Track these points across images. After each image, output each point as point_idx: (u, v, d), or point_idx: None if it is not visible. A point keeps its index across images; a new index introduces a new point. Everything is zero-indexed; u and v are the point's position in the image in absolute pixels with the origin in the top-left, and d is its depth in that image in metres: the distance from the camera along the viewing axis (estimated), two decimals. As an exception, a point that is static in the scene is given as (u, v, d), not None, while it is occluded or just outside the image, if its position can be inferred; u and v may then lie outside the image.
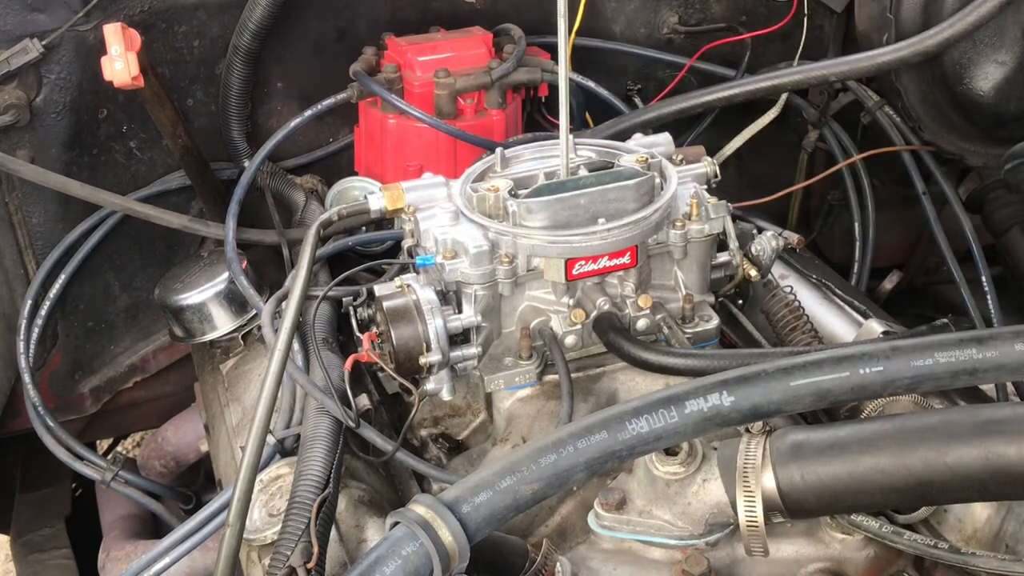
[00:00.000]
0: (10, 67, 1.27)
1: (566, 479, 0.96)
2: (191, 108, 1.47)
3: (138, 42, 1.22)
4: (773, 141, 1.70)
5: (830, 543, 1.01)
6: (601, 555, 1.03)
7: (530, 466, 0.94)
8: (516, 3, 1.58)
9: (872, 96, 1.68)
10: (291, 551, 0.92)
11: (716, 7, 1.71)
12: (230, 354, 1.43)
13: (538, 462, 0.95)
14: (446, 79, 1.42)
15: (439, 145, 1.45)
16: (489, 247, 1.10)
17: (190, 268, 1.41)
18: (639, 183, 1.12)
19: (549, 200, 1.10)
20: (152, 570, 1.10)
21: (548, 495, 0.98)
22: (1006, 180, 1.45)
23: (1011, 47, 1.47)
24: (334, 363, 1.15)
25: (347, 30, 1.53)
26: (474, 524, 0.92)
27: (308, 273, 1.14)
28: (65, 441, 1.42)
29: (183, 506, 1.60)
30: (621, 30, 1.68)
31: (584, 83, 1.58)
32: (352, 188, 1.46)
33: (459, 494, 0.94)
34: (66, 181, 1.33)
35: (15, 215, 1.38)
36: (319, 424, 1.07)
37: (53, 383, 1.49)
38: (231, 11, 1.43)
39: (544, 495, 0.96)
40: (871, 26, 1.54)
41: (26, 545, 1.59)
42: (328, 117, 1.53)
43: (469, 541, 0.92)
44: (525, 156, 1.23)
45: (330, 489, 0.99)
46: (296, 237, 1.39)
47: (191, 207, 1.50)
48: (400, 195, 1.18)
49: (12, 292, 1.41)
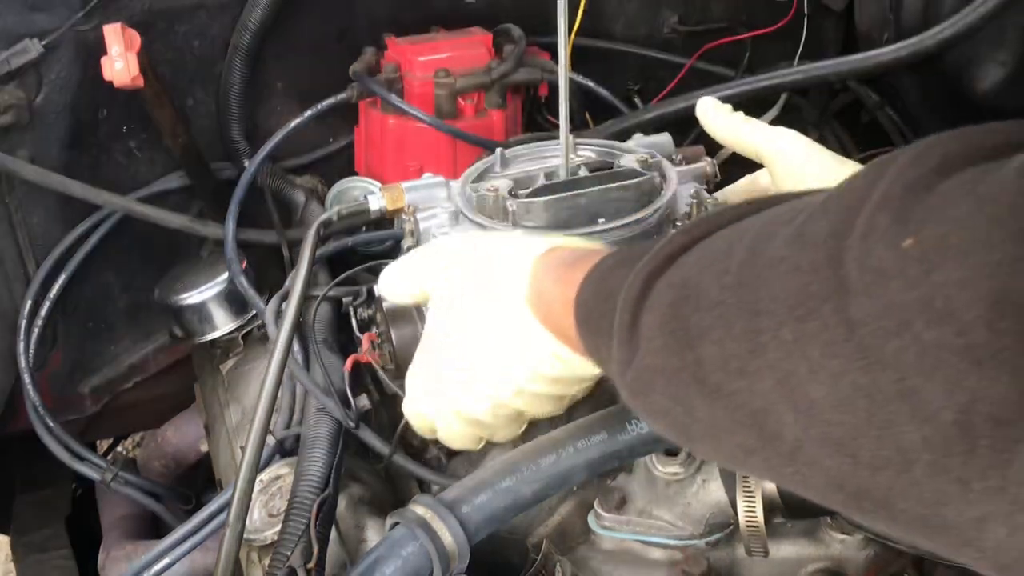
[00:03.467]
0: (10, 67, 1.26)
1: (566, 480, 0.96)
2: (191, 108, 1.47)
3: (138, 42, 1.22)
4: (773, 141, 1.69)
5: (830, 543, 1.01)
6: (601, 555, 1.03)
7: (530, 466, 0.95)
8: (516, 3, 1.58)
9: (872, 96, 1.68)
10: (291, 551, 0.92)
11: (716, 7, 1.71)
12: (230, 354, 1.43)
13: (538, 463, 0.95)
14: (446, 79, 1.42)
15: (439, 145, 1.45)
16: (489, 247, 1.10)
17: (190, 268, 1.41)
18: (639, 183, 1.12)
19: (549, 200, 1.10)
20: (152, 570, 1.10)
21: (548, 496, 0.98)
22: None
23: (1011, 47, 1.47)
24: (334, 363, 1.15)
25: (347, 30, 1.53)
26: (474, 525, 0.92)
27: (308, 273, 1.14)
28: (65, 441, 1.42)
29: (183, 506, 1.60)
30: (621, 30, 1.68)
31: (584, 83, 1.58)
32: (352, 188, 1.46)
33: (459, 495, 0.94)
34: (66, 181, 1.33)
35: (15, 215, 1.37)
36: (319, 424, 1.07)
37: (53, 383, 1.49)
38: (231, 11, 1.43)
39: (544, 495, 0.96)
40: (871, 26, 1.54)
41: (26, 545, 1.59)
42: (328, 117, 1.52)
43: (469, 542, 0.92)
44: (525, 156, 1.24)
45: (330, 489, 0.99)
46: (296, 237, 1.39)
47: (191, 207, 1.50)
48: (400, 195, 1.18)
49: (12, 292, 1.41)
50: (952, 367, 0.46)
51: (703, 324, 0.61)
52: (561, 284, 0.81)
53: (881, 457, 0.50)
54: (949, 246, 0.47)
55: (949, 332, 0.46)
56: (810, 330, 0.53)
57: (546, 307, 0.84)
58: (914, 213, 0.50)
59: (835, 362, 0.52)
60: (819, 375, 0.53)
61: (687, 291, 0.63)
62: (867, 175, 0.55)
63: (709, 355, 0.60)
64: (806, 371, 0.53)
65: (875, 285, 0.50)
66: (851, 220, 0.53)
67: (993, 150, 0.52)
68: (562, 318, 0.81)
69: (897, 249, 0.49)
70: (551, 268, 0.84)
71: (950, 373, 0.46)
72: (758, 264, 0.58)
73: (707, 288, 0.61)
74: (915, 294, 0.48)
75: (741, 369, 0.58)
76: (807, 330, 0.53)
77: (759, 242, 0.60)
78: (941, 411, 0.47)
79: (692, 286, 0.63)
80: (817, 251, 0.54)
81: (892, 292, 0.49)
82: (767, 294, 0.57)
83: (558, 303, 0.81)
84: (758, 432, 0.58)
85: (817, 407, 0.53)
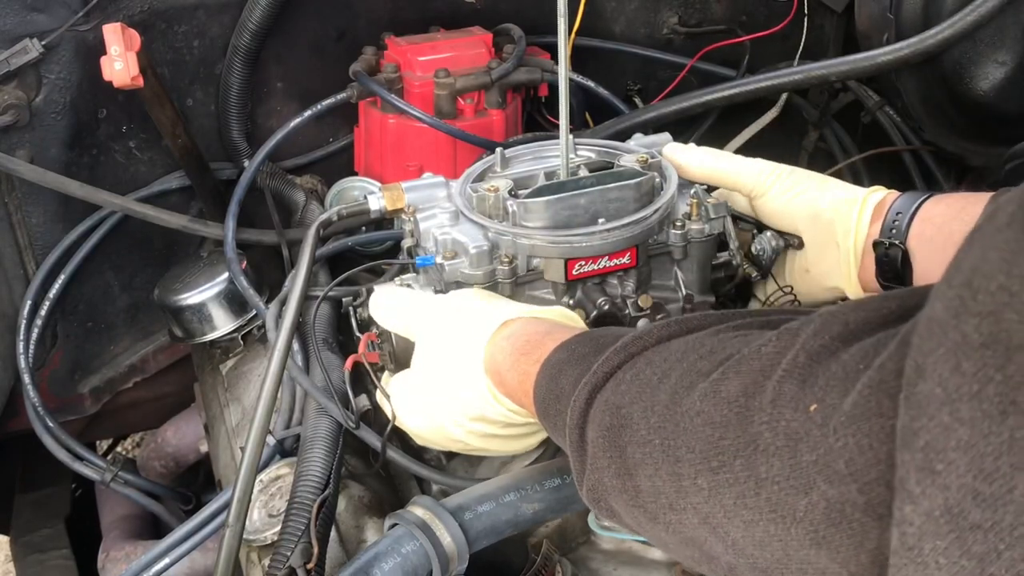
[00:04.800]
0: (10, 67, 1.26)
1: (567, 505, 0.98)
2: (191, 108, 1.47)
3: (138, 42, 1.22)
4: (773, 141, 1.70)
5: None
6: (601, 555, 1.03)
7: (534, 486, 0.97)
8: (516, 3, 1.58)
9: (872, 96, 1.68)
10: (291, 551, 0.92)
11: (716, 7, 1.71)
12: (230, 354, 1.43)
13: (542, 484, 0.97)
14: (446, 79, 1.42)
15: (439, 145, 1.45)
16: (489, 247, 1.10)
17: (190, 268, 1.41)
18: (639, 183, 1.12)
19: (549, 200, 1.10)
20: (152, 571, 1.10)
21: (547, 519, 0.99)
22: (1006, 180, 1.45)
23: (1011, 47, 1.47)
24: (334, 363, 1.15)
25: (347, 30, 1.53)
26: (474, 532, 0.93)
27: (308, 273, 1.14)
28: (65, 441, 1.42)
29: (183, 506, 1.60)
30: (621, 30, 1.68)
31: (584, 83, 1.58)
32: (352, 188, 1.46)
33: (462, 502, 0.95)
34: (66, 181, 1.33)
35: (15, 215, 1.37)
36: (319, 424, 1.07)
37: (53, 383, 1.49)
38: (231, 11, 1.43)
39: (543, 518, 0.98)
40: (871, 26, 1.54)
41: (26, 545, 1.59)
42: (328, 117, 1.52)
43: (469, 546, 0.92)
44: (525, 156, 1.23)
45: (330, 489, 0.99)
46: (296, 237, 1.39)
47: (191, 207, 1.50)
48: (400, 195, 1.18)
49: (12, 292, 1.41)
50: (857, 522, 0.51)
51: (636, 457, 0.67)
52: (516, 373, 0.89)
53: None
54: (849, 413, 0.52)
55: (852, 490, 0.51)
56: (723, 481, 0.59)
57: (508, 390, 0.91)
58: (818, 380, 0.55)
59: (746, 512, 0.57)
60: (734, 521, 0.59)
61: (621, 420, 0.70)
62: (779, 340, 0.60)
63: (645, 487, 0.67)
64: (723, 516, 0.59)
65: (784, 448, 0.55)
66: (761, 383, 0.58)
67: (889, 316, 0.56)
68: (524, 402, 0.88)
69: (804, 413, 0.54)
70: (507, 354, 0.91)
71: (856, 527, 0.51)
72: (677, 412, 0.64)
73: (637, 423, 0.68)
74: (819, 455, 0.53)
75: (671, 505, 0.64)
76: (720, 480, 0.59)
77: (679, 387, 0.66)
78: (857, 555, 0.52)
79: (625, 416, 0.70)
80: (730, 408, 0.60)
81: (799, 453, 0.54)
82: (684, 443, 0.63)
83: (520, 391, 0.88)
84: (698, 552, 0.65)
85: (739, 544, 0.59)
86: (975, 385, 0.42)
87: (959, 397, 0.43)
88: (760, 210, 1.20)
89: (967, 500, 0.42)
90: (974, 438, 0.42)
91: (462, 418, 0.96)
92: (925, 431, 0.44)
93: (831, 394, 0.54)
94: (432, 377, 0.98)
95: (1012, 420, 0.41)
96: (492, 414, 0.93)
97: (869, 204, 1.12)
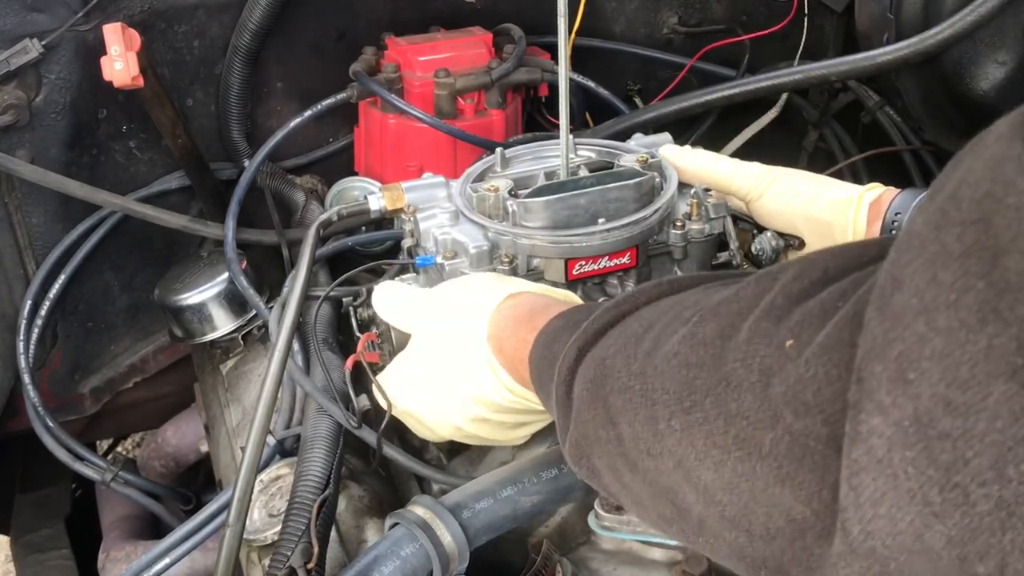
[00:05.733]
0: (10, 67, 1.26)
1: (565, 495, 0.98)
2: (191, 108, 1.47)
3: (138, 42, 1.22)
4: (773, 141, 1.70)
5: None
6: (602, 555, 1.03)
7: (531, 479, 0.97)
8: (516, 3, 1.58)
9: (872, 96, 1.68)
10: (291, 551, 0.92)
11: (716, 7, 1.71)
12: (230, 354, 1.42)
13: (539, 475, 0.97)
14: (446, 79, 1.42)
15: (439, 145, 1.45)
16: (489, 247, 1.10)
17: (190, 268, 1.41)
18: (639, 183, 1.12)
19: (549, 200, 1.10)
20: (152, 571, 1.10)
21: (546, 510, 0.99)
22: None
23: (1011, 47, 1.47)
24: (335, 363, 1.15)
25: (347, 30, 1.53)
26: (473, 529, 0.93)
27: (308, 273, 1.14)
28: (65, 441, 1.42)
29: (183, 506, 1.60)
30: (621, 30, 1.68)
31: (584, 83, 1.58)
32: (352, 188, 1.46)
33: (460, 499, 0.95)
34: (66, 181, 1.33)
35: (15, 215, 1.37)
36: (319, 424, 1.07)
37: (53, 383, 1.49)
38: (231, 11, 1.43)
39: (542, 509, 0.98)
40: (871, 26, 1.54)
41: (26, 545, 1.59)
42: (328, 117, 1.52)
43: (469, 545, 0.92)
44: (525, 156, 1.24)
45: (330, 489, 0.99)
46: (296, 237, 1.39)
47: (191, 207, 1.50)
48: (400, 195, 1.18)
49: (12, 292, 1.41)
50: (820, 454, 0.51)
51: (618, 405, 0.67)
52: (515, 340, 0.89)
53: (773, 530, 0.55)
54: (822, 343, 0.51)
55: (817, 422, 0.50)
56: (694, 420, 0.59)
57: (505, 358, 0.91)
58: (794, 316, 0.55)
59: (716, 452, 0.57)
60: (705, 462, 0.58)
61: (605, 370, 0.69)
62: (757, 284, 0.60)
63: (626, 434, 0.66)
64: (694, 458, 0.59)
65: (757, 383, 0.55)
66: (738, 325, 0.58)
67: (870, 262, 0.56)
68: (520, 371, 0.88)
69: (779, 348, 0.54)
70: (508, 321, 0.92)
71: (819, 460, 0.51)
72: (656, 356, 0.64)
73: (619, 371, 0.68)
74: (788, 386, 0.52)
75: (648, 450, 0.64)
76: (692, 420, 0.59)
77: (662, 335, 0.66)
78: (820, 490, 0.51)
79: (609, 367, 0.69)
80: (705, 349, 0.60)
81: (770, 387, 0.54)
82: (660, 385, 0.63)
83: (516, 359, 0.88)
84: (671, 506, 0.64)
85: (710, 489, 0.59)
86: (952, 294, 0.41)
87: (936, 307, 0.42)
88: (758, 213, 1.20)
89: (938, 408, 0.42)
90: (949, 347, 0.41)
91: (458, 394, 0.96)
92: (899, 341, 0.44)
93: (808, 330, 0.53)
94: (432, 351, 0.99)
95: (992, 328, 0.40)
96: (489, 391, 0.93)
97: (865, 203, 1.13)
